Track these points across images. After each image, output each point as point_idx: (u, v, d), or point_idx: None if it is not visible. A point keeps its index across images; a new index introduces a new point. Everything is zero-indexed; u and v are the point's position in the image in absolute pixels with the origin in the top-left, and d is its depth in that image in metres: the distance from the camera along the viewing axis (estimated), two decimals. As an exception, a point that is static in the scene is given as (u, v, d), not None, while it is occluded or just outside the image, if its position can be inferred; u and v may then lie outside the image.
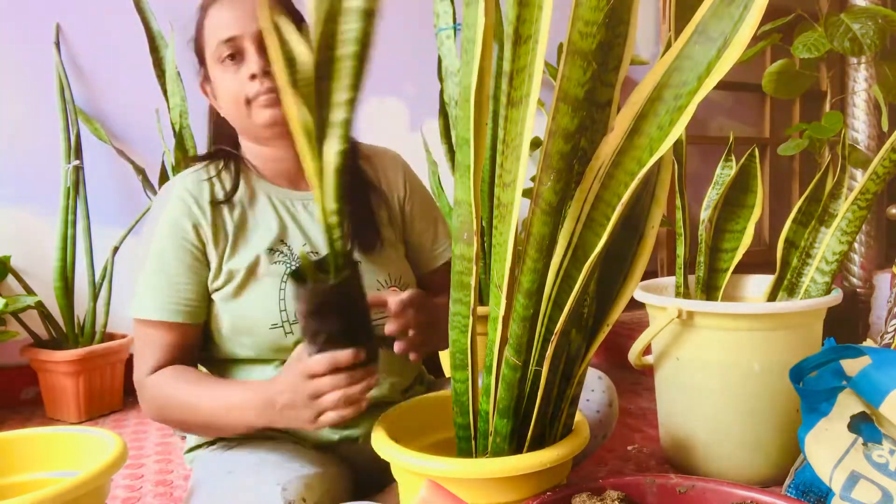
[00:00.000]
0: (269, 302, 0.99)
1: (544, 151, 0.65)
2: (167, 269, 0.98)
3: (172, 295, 0.98)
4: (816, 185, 1.39)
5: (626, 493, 0.80)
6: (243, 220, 1.03)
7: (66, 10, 1.94)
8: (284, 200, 1.06)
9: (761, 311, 1.24)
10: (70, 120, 1.88)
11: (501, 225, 0.70)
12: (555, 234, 0.68)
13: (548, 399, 0.79)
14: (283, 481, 0.86)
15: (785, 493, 1.01)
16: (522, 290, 0.71)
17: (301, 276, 0.76)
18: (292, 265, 1.01)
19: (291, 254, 1.03)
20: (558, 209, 0.66)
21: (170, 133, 1.83)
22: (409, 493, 0.85)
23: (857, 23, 1.83)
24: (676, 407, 1.38)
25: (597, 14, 0.59)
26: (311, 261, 0.77)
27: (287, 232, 1.04)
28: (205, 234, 1.00)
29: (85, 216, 1.87)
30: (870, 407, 0.94)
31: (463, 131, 0.70)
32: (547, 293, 0.72)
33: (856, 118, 2.05)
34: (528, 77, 0.64)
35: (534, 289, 0.70)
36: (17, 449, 0.94)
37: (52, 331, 1.83)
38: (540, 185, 0.66)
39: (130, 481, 1.41)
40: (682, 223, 1.46)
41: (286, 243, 1.03)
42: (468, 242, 0.74)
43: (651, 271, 2.75)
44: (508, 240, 0.69)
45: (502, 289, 0.71)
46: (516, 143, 0.67)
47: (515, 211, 0.69)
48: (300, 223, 1.05)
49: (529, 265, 0.69)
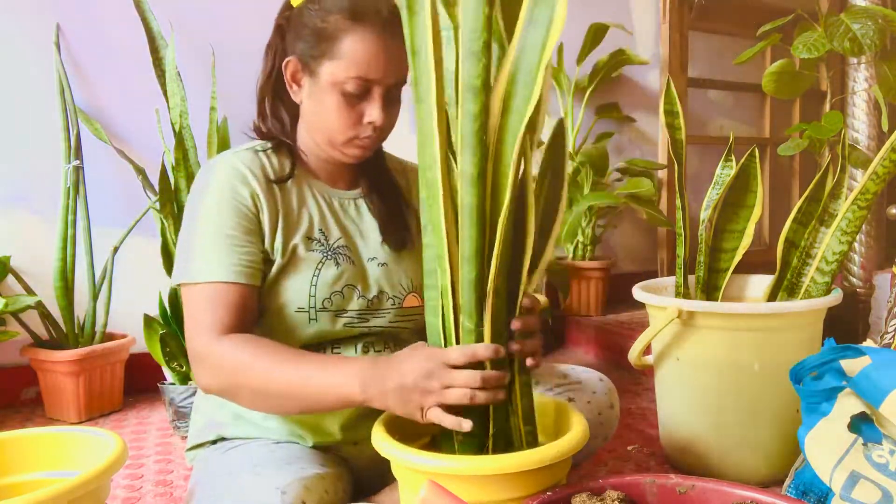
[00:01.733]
0: (302, 286, 1.01)
1: (459, 133, 0.77)
2: (227, 230, 0.98)
3: (234, 255, 0.97)
4: (816, 185, 1.39)
5: (626, 493, 0.80)
6: (289, 203, 1.04)
7: (66, 10, 1.94)
8: (323, 193, 1.09)
9: (761, 311, 1.24)
10: (70, 120, 1.88)
11: (433, 202, 0.80)
12: (482, 202, 0.78)
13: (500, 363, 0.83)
14: (282, 485, 0.86)
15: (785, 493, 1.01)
16: (464, 257, 0.79)
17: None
18: (328, 255, 1.04)
19: (327, 243, 1.05)
20: (479, 180, 0.77)
21: (170, 133, 1.83)
22: (410, 491, 0.85)
23: (857, 23, 1.83)
24: (676, 407, 1.38)
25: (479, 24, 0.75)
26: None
27: (326, 222, 1.07)
28: (260, 204, 1.01)
29: (85, 216, 1.87)
30: (870, 407, 0.94)
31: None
32: (485, 256, 0.81)
33: (856, 118, 2.04)
34: (427, 78, 0.77)
35: (473, 254, 0.79)
36: (17, 449, 0.94)
37: (52, 331, 1.83)
38: (462, 162, 0.78)
39: (130, 481, 1.41)
40: (682, 223, 1.46)
41: (324, 233, 1.06)
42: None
43: (651, 271, 2.75)
44: (439, 216, 0.79)
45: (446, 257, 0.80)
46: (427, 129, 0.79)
47: (440, 187, 0.78)
48: (338, 216, 1.08)
49: (464, 234, 0.79)
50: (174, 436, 1.67)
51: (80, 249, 1.87)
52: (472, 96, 0.75)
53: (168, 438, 1.66)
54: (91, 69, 1.99)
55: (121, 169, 1.93)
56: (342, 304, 1.03)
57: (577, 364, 1.27)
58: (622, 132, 2.78)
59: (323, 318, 1.02)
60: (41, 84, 1.91)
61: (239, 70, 2.13)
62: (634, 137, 2.83)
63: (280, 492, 0.84)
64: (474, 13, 0.72)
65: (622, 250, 2.85)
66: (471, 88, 0.75)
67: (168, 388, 1.66)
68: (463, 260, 0.79)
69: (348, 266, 1.05)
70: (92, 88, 1.99)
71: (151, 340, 1.68)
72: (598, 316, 2.54)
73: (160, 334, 1.67)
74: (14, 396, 1.93)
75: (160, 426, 1.74)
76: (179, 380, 1.68)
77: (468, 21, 0.72)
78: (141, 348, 1.84)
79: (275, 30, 1.06)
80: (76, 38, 1.96)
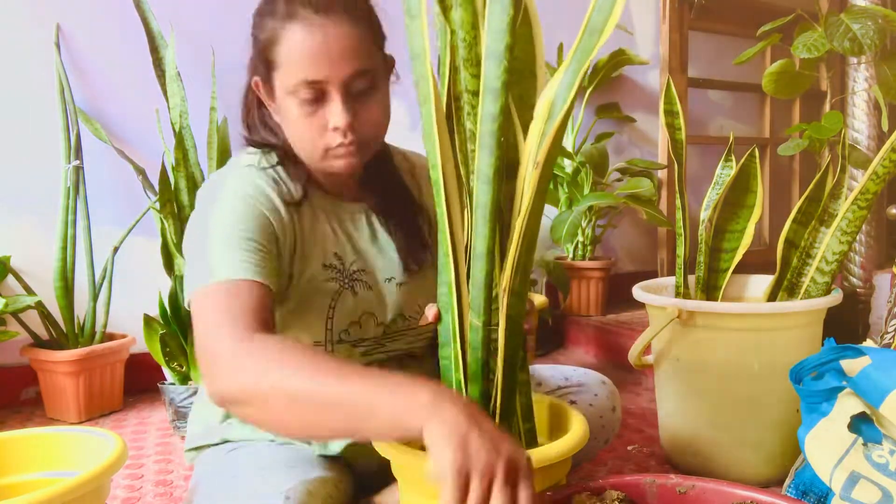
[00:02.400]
0: (317, 320, 0.96)
1: (478, 132, 0.76)
2: (246, 234, 0.87)
3: (257, 256, 0.86)
4: (816, 185, 1.39)
5: (626, 493, 0.80)
6: (304, 227, 0.96)
7: (66, 10, 1.94)
8: (334, 210, 1.01)
9: (761, 311, 1.24)
10: (70, 120, 1.88)
11: (438, 198, 0.79)
12: (497, 201, 0.77)
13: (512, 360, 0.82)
14: (285, 489, 0.85)
15: (785, 493, 1.01)
16: (475, 254, 0.78)
17: None
18: (345, 283, 0.97)
19: (343, 268, 0.98)
20: (495, 179, 0.76)
21: (170, 133, 1.83)
22: (410, 491, 0.85)
23: (857, 23, 1.83)
24: (676, 407, 1.38)
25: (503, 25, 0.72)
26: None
27: (340, 245, 0.98)
28: (279, 225, 0.91)
29: (85, 216, 1.87)
30: (870, 407, 0.94)
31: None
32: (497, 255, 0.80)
33: (856, 118, 2.04)
34: (426, 83, 0.75)
35: (485, 251, 0.78)
36: (17, 449, 0.95)
37: (52, 331, 1.83)
38: (479, 161, 0.76)
39: (130, 481, 1.41)
40: (682, 223, 1.46)
41: (339, 257, 0.98)
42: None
43: (651, 271, 2.75)
44: (443, 213, 0.78)
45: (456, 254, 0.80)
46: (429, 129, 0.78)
47: (440, 187, 0.78)
48: (351, 236, 1.00)
49: (477, 231, 0.78)
50: (174, 436, 1.67)
51: (80, 249, 1.87)
52: (493, 98, 0.73)
53: (168, 438, 1.66)
54: (91, 69, 1.99)
55: (121, 169, 1.93)
56: (360, 333, 1.00)
57: (577, 364, 1.27)
58: (622, 132, 2.78)
59: (340, 349, 0.98)
60: (41, 84, 1.91)
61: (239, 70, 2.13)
62: (634, 137, 2.83)
63: (284, 496, 0.84)
64: (500, 15, 0.72)
65: (622, 250, 2.85)
66: (492, 90, 0.73)
67: (168, 388, 1.66)
68: (475, 257, 0.79)
69: (366, 293, 0.99)
70: (92, 88, 1.99)
71: (151, 340, 1.68)
72: (598, 316, 2.54)
73: (160, 334, 1.67)
74: (14, 396, 1.93)
75: (160, 426, 1.74)
76: (179, 380, 1.68)
77: (493, 22, 0.72)
78: (141, 348, 1.84)
79: (251, 44, 0.97)
80: (76, 38, 1.96)
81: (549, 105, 0.72)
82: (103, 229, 1.94)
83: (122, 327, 1.94)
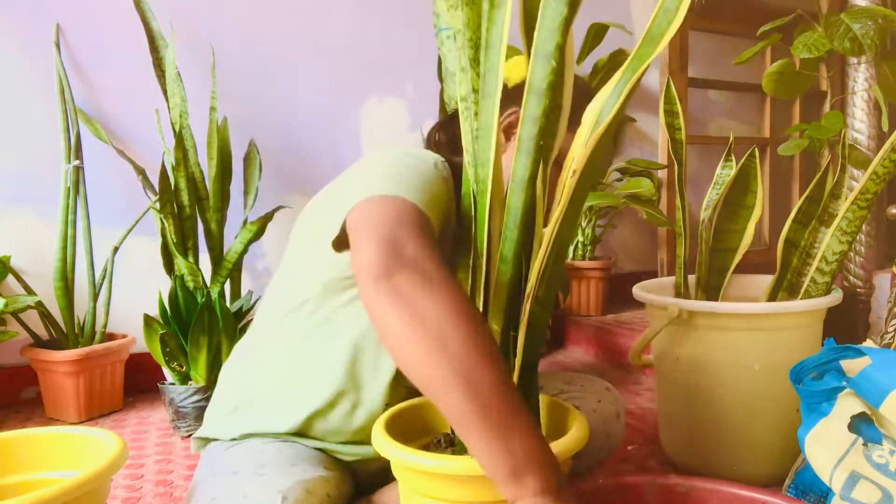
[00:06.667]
0: None
1: (518, 136, 0.75)
2: (423, 181, 0.86)
3: (430, 193, 0.85)
4: (816, 185, 1.39)
5: (626, 493, 0.80)
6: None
7: (66, 10, 1.94)
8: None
9: (761, 311, 1.24)
10: (70, 120, 1.88)
11: (481, 199, 0.78)
12: (530, 205, 0.76)
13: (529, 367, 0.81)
14: (283, 489, 0.85)
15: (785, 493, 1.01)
16: (503, 257, 0.78)
17: None
18: None
19: None
20: (530, 184, 0.75)
21: (170, 133, 1.83)
22: (410, 491, 0.85)
23: (857, 23, 1.83)
24: (676, 407, 1.38)
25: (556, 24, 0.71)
26: None
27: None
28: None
29: (85, 216, 1.88)
30: (870, 407, 0.94)
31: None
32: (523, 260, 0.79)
33: (856, 118, 2.04)
34: (494, 75, 0.74)
35: (510, 256, 0.77)
36: (17, 449, 0.94)
37: (52, 331, 1.83)
38: (516, 163, 0.76)
39: (130, 481, 1.41)
40: (682, 223, 1.46)
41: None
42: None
43: (651, 271, 2.75)
44: (484, 213, 0.77)
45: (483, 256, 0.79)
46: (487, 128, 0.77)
47: (487, 186, 0.77)
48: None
49: (507, 234, 0.77)
50: (174, 436, 1.67)
51: (80, 249, 1.87)
52: (537, 99, 0.71)
53: (168, 438, 1.66)
54: (91, 69, 1.99)
55: (121, 169, 1.93)
56: None
57: (577, 363, 1.27)
58: (622, 132, 2.78)
59: None
60: (41, 84, 1.91)
61: (239, 70, 2.14)
62: (634, 137, 2.83)
63: (281, 497, 0.84)
64: (553, 13, 0.70)
65: (622, 250, 2.85)
66: (536, 91, 0.71)
67: (168, 388, 1.66)
68: (502, 261, 0.78)
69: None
70: (92, 88, 2.00)
71: (151, 340, 1.68)
72: (598, 316, 2.54)
73: (160, 334, 1.67)
74: (14, 396, 1.93)
75: (160, 426, 1.74)
76: (179, 380, 1.68)
77: (545, 20, 0.70)
78: (141, 348, 1.84)
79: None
80: (76, 38, 1.96)
81: (597, 113, 0.70)
82: (103, 229, 1.94)
83: (122, 327, 1.94)
